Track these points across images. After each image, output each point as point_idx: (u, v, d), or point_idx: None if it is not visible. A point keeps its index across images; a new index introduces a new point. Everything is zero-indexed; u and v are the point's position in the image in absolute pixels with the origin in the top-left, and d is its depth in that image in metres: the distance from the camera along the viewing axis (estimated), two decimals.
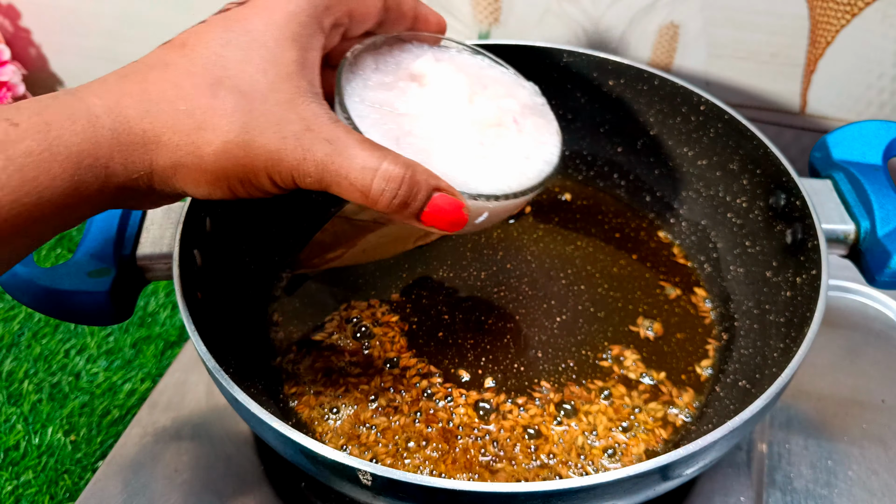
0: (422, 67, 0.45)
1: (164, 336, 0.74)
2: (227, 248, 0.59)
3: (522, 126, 0.45)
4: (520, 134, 0.45)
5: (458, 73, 0.46)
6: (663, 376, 0.56)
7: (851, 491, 0.56)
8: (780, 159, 0.56)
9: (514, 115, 0.45)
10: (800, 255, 0.54)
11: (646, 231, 0.66)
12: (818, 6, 0.65)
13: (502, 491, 0.40)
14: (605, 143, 0.70)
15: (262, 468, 0.58)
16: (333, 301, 0.61)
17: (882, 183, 0.54)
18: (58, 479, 0.63)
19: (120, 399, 0.69)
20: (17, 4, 0.90)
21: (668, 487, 0.45)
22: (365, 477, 0.41)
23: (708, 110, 0.62)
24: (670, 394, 0.55)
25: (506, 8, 0.74)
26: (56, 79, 0.96)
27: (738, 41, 0.69)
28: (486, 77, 0.48)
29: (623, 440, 0.52)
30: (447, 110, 0.44)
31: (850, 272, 0.56)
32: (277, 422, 0.43)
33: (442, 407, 0.53)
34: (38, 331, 0.75)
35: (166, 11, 0.84)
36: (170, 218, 0.54)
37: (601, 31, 0.72)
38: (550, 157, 0.45)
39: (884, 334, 0.66)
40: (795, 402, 0.61)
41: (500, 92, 0.47)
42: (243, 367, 0.55)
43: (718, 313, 0.60)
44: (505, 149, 0.44)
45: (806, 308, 0.50)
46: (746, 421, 0.43)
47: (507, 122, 0.45)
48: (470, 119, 0.44)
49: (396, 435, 0.52)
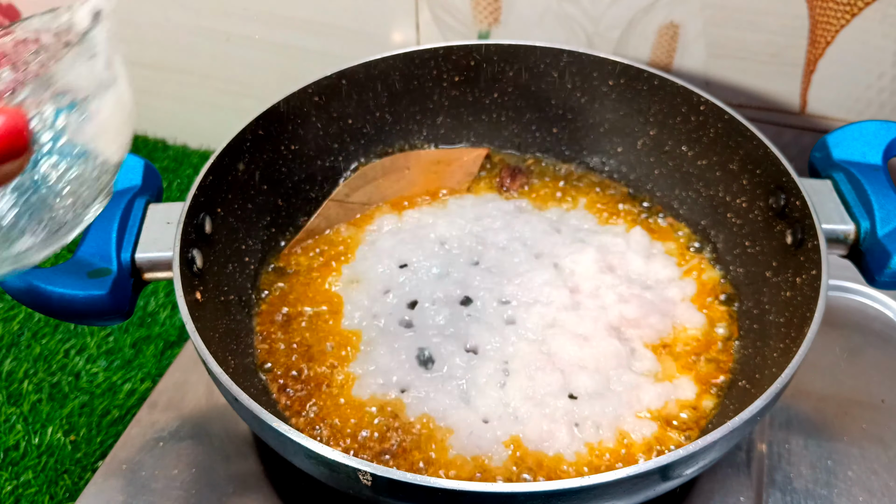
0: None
1: (164, 336, 0.74)
2: (226, 248, 0.59)
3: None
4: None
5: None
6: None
7: (851, 491, 0.56)
8: (780, 159, 0.56)
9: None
10: (800, 255, 0.54)
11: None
12: (818, 6, 0.65)
13: (502, 491, 0.40)
14: (605, 143, 0.70)
15: (262, 468, 0.58)
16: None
17: (882, 183, 0.54)
18: (58, 479, 0.63)
19: (120, 399, 0.69)
20: (17, 4, 0.90)
21: (668, 487, 0.45)
22: (365, 477, 0.41)
23: (708, 110, 0.62)
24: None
25: (506, 8, 0.74)
26: None
27: (738, 41, 0.69)
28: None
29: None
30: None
31: (850, 272, 0.56)
32: (277, 422, 0.43)
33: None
34: (38, 331, 0.75)
35: (166, 11, 0.84)
36: (169, 218, 0.54)
37: (601, 31, 0.72)
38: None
39: (884, 334, 0.66)
40: (795, 402, 0.61)
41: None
42: (243, 367, 0.55)
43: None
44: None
45: (806, 308, 0.50)
46: (746, 421, 0.43)
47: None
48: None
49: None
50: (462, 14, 0.75)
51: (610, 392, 0.54)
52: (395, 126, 0.70)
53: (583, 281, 0.60)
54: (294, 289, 0.62)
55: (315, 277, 0.62)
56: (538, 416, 0.52)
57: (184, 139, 0.97)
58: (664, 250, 0.63)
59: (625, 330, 0.57)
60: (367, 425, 0.53)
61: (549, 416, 0.52)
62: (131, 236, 0.53)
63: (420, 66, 0.68)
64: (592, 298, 0.59)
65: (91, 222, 0.40)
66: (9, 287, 0.50)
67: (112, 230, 0.53)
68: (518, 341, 0.56)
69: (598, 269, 0.60)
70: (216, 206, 0.58)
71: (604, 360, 0.55)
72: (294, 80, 0.64)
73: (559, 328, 0.57)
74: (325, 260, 0.64)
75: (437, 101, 0.70)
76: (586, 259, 0.61)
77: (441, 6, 0.75)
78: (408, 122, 0.71)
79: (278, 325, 0.59)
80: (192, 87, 0.90)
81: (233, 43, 0.84)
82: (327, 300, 0.61)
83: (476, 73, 0.69)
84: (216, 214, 0.58)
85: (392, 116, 0.70)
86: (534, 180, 0.70)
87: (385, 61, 0.67)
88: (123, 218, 0.54)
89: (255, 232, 0.63)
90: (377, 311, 0.59)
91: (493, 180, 0.70)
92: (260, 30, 0.82)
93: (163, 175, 0.91)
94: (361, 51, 0.66)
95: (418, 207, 0.67)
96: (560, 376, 0.54)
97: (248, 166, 0.61)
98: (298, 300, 0.61)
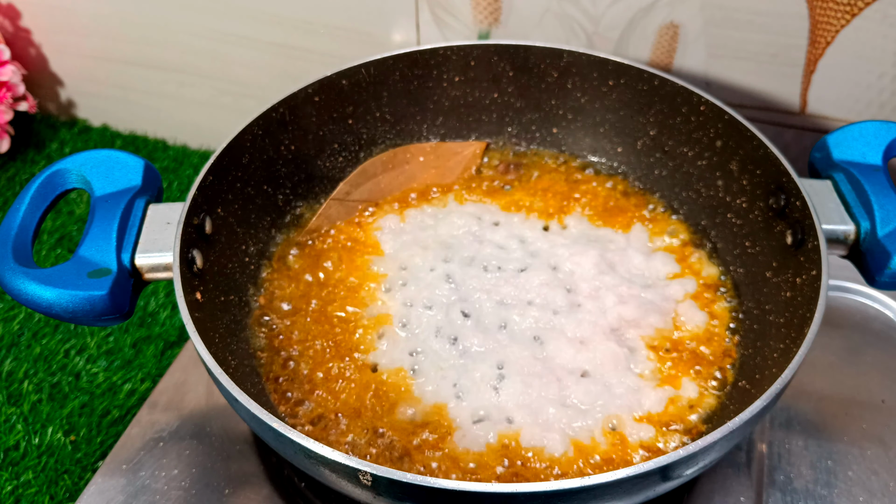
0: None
1: (164, 336, 0.74)
2: (227, 248, 0.59)
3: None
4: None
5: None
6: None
7: (851, 491, 0.56)
8: (780, 159, 0.56)
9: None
10: (800, 256, 0.54)
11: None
12: (818, 6, 0.65)
13: (503, 491, 0.40)
14: (605, 143, 0.70)
15: (262, 468, 0.58)
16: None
17: (882, 183, 0.54)
18: (58, 479, 0.63)
19: (120, 399, 0.69)
20: (17, 4, 0.90)
21: (668, 487, 0.45)
22: (365, 477, 0.41)
23: (708, 110, 0.62)
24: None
25: (506, 8, 0.74)
26: (56, 79, 0.96)
27: (738, 41, 0.69)
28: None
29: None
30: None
31: (850, 272, 0.56)
32: (277, 422, 0.43)
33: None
34: (38, 331, 0.75)
35: (166, 11, 0.84)
36: (169, 218, 0.54)
37: (601, 31, 0.72)
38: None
39: (884, 334, 0.66)
40: (795, 402, 0.61)
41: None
42: (243, 367, 0.55)
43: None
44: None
45: (806, 308, 0.50)
46: (746, 421, 0.43)
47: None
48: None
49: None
50: (462, 14, 0.75)
51: (609, 393, 0.54)
52: (395, 126, 0.70)
53: (581, 281, 0.60)
54: (294, 289, 0.62)
55: (315, 277, 0.62)
56: (532, 419, 0.52)
57: (184, 139, 0.97)
58: (664, 250, 0.63)
59: (624, 330, 0.57)
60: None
61: (543, 419, 0.52)
62: (131, 236, 0.53)
63: (420, 66, 0.68)
64: (592, 300, 0.59)
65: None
66: (9, 287, 0.50)
67: (112, 230, 0.53)
68: (512, 343, 0.56)
69: (597, 269, 0.60)
70: (216, 206, 0.58)
71: (602, 361, 0.55)
72: (294, 80, 0.64)
73: (557, 329, 0.57)
74: (325, 260, 0.63)
75: (437, 101, 0.70)
76: (586, 260, 0.61)
77: (441, 6, 0.75)
78: (408, 122, 0.71)
79: (279, 326, 0.59)
80: (192, 87, 0.90)
81: (233, 43, 0.84)
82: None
83: (476, 73, 0.69)
84: (216, 214, 0.58)
85: (392, 116, 0.70)
86: (533, 179, 0.69)
87: (385, 61, 0.67)
88: (123, 218, 0.54)
89: (256, 232, 0.63)
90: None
91: (493, 178, 0.70)
92: (260, 30, 0.82)
93: (163, 175, 0.91)
94: (361, 51, 0.66)
95: (418, 207, 0.67)
96: (556, 378, 0.54)
97: (248, 166, 0.61)
98: (299, 300, 0.61)
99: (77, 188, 0.57)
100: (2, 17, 0.92)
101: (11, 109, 0.90)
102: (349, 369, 0.56)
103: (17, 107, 0.90)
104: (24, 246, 0.52)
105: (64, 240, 0.84)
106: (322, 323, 0.59)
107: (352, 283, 0.61)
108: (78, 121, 0.99)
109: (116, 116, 0.98)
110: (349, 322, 0.59)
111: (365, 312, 0.59)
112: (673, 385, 0.55)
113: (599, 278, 0.60)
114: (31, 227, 0.53)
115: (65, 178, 0.56)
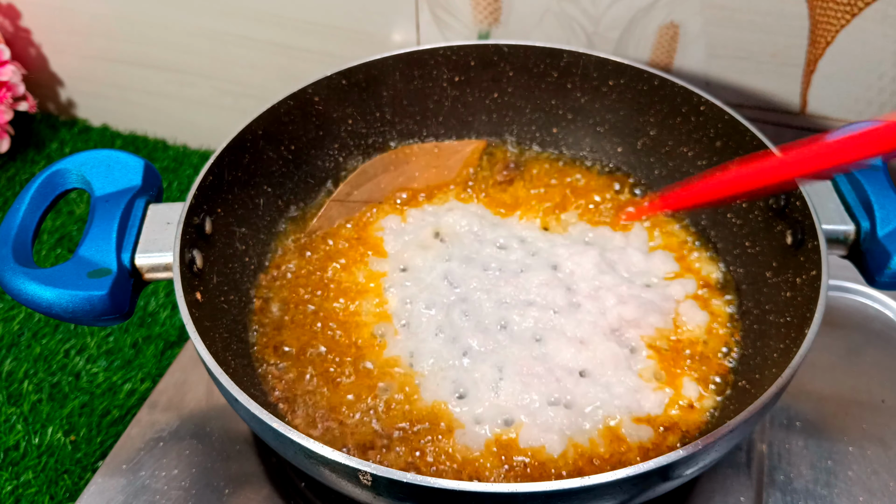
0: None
1: (164, 336, 0.74)
2: (227, 248, 0.59)
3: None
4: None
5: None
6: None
7: (851, 491, 0.56)
8: None
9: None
10: (800, 256, 0.54)
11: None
12: (818, 6, 0.65)
13: (503, 491, 0.40)
14: (605, 143, 0.70)
15: (262, 468, 0.58)
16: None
17: (882, 183, 0.54)
18: (58, 479, 0.63)
19: (120, 399, 0.69)
20: (17, 4, 0.90)
21: (668, 488, 0.45)
22: (365, 477, 0.41)
23: (708, 110, 0.62)
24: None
25: (506, 8, 0.74)
26: (56, 79, 0.97)
27: (738, 41, 0.69)
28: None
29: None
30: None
31: (850, 272, 0.56)
32: (277, 422, 0.43)
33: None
34: (38, 331, 0.75)
35: (166, 11, 0.84)
36: (169, 219, 0.54)
37: (601, 31, 0.72)
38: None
39: (884, 334, 0.66)
40: (795, 402, 0.61)
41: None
42: (243, 367, 0.55)
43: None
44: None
45: (806, 308, 0.50)
46: (746, 421, 0.43)
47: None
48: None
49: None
50: (462, 14, 0.75)
51: (609, 393, 0.54)
52: (396, 126, 0.70)
53: (581, 281, 0.60)
54: (294, 289, 0.62)
55: (316, 277, 0.62)
56: (532, 418, 0.52)
57: (184, 139, 0.97)
58: (664, 250, 0.63)
59: (624, 330, 0.57)
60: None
61: (543, 419, 0.52)
62: (131, 236, 0.53)
63: (420, 66, 0.68)
64: (592, 300, 0.59)
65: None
66: (9, 287, 0.50)
67: (112, 230, 0.53)
68: (511, 343, 0.56)
69: (597, 268, 0.60)
70: (216, 206, 0.58)
71: (602, 361, 0.55)
72: (294, 80, 0.64)
73: (557, 329, 0.57)
74: (325, 260, 0.63)
75: (437, 101, 0.70)
76: (585, 259, 0.61)
77: (441, 6, 0.75)
78: (408, 122, 0.71)
79: (279, 326, 0.59)
80: (192, 87, 0.90)
81: (233, 43, 0.84)
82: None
83: (476, 73, 0.69)
84: (216, 214, 0.58)
85: (392, 116, 0.70)
86: (533, 179, 0.69)
87: (385, 61, 0.67)
88: (123, 218, 0.54)
89: (256, 232, 0.63)
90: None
91: (494, 178, 0.70)
92: (260, 30, 0.82)
93: (163, 175, 0.91)
94: (361, 51, 0.66)
95: (418, 207, 0.67)
96: (555, 378, 0.54)
97: (248, 166, 0.61)
98: (299, 300, 0.61)
99: (77, 188, 0.57)
100: (2, 17, 0.92)
101: (11, 109, 0.90)
102: (349, 369, 0.56)
103: (17, 107, 0.90)
104: (24, 246, 0.52)
105: (64, 240, 0.84)
106: (322, 323, 0.59)
107: (352, 282, 0.61)
108: (78, 121, 0.99)
109: (116, 116, 0.98)
110: (349, 322, 0.59)
111: (365, 312, 0.59)
112: (673, 385, 0.54)
113: (599, 278, 0.60)
114: (31, 227, 0.53)
115: (65, 178, 0.56)
